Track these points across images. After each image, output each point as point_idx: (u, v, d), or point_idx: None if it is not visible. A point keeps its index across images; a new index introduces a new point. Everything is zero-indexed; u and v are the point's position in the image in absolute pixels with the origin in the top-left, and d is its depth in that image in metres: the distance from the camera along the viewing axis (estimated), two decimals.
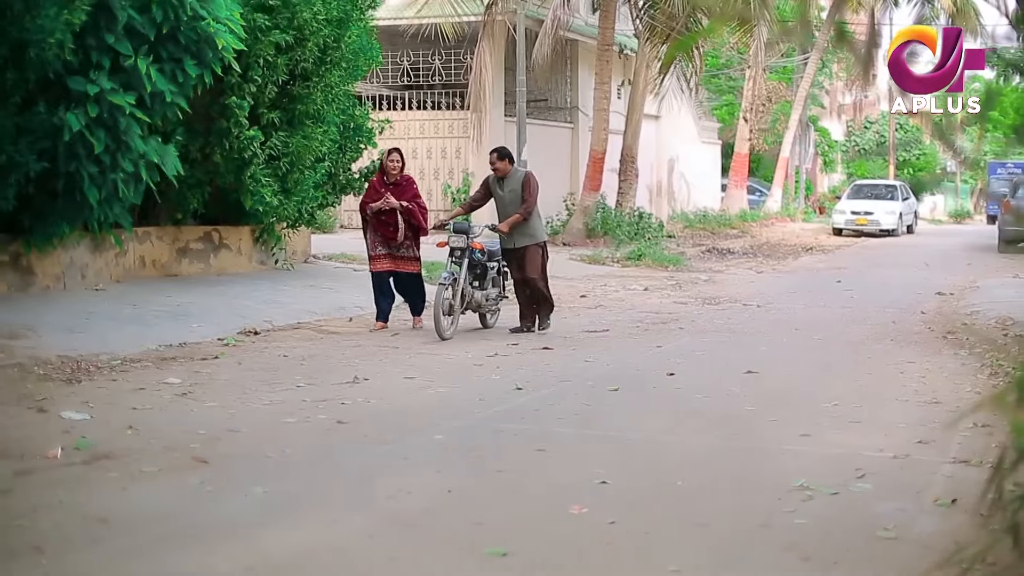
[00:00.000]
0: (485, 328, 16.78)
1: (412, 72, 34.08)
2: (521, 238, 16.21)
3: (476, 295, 16.22)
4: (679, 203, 47.82)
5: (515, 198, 16.20)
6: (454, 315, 15.66)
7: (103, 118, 15.15)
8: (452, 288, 15.56)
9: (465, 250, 15.95)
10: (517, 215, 16.09)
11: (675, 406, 11.13)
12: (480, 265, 16.33)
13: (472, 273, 16.20)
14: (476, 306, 16.36)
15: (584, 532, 7.05)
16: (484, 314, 16.85)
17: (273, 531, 7.02)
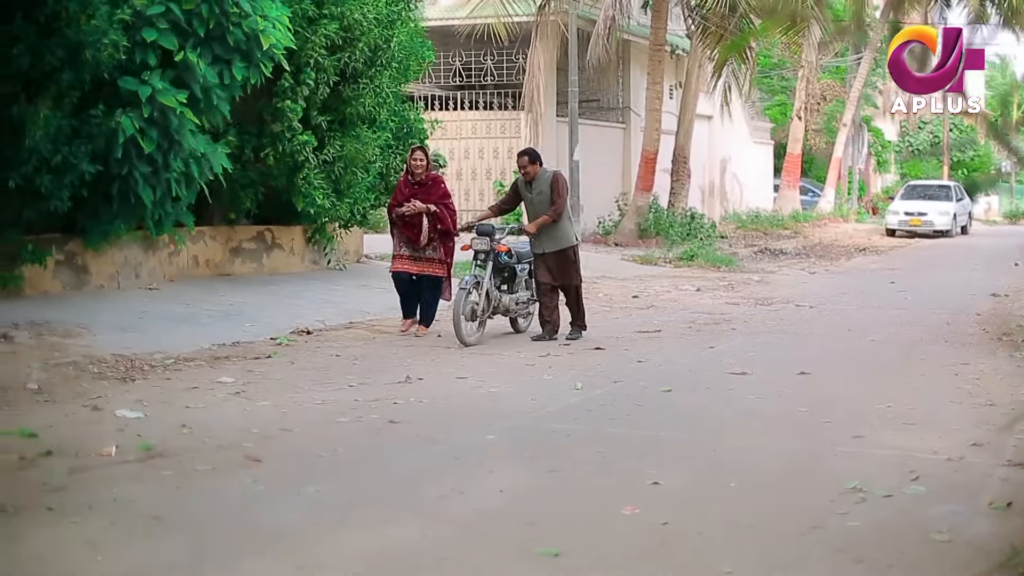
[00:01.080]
0: (517, 333, 16.27)
1: (464, 72, 34.09)
2: (550, 242, 15.60)
3: (504, 299, 15.66)
4: (731, 203, 47.67)
5: (544, 200, 15.61)
6: (479, 320, 15.13)
7: (154, 117, 15.24)
8: (475, 292, 15.02)
9: (489, 253, 15.40)
10: (545, 217, 15.47)
11: (728, 407, 11.09)
12: (508, 268, 15.78)
13: (499, 276, 15.69)
14: (504, 310, 15.78)
15: (637, 533, 7.02)
16: (515, 318, 16.33)
17: (325, 531, 7.03)
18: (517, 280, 15.98)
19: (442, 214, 15.72)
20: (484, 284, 15.14)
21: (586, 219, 31.95)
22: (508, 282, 15.85)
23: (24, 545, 6.66)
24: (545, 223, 15.47)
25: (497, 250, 15.47)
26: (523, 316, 16.39)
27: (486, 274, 15.26)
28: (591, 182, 32.19)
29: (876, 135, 62.21)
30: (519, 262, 15.90)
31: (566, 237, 15.70)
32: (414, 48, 21.81)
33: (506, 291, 15.77)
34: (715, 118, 42.67)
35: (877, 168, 65.04)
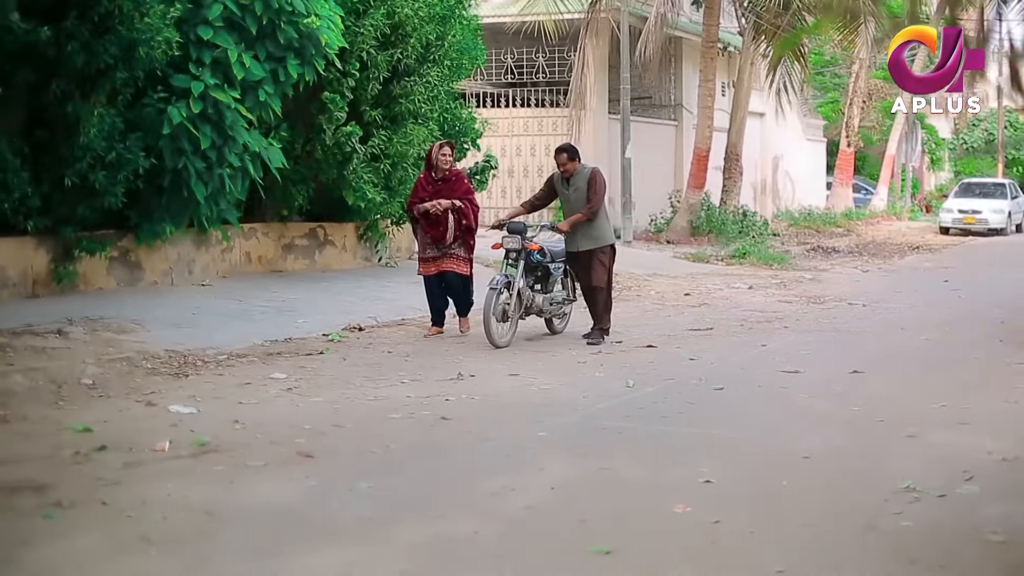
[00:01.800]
0: (553, 334, 15.76)
1: (516, 69, 34.08)
2: (585, 241, 15.15)
3: (537, 299, 15.12)
4: (783, 201, 47.48)
5: (580, 197, 15.11)
6: (510, 321, 14.66)
7: (208, 113, 15.33)
8: (506, 292, 14.58)
9: (520, 251, 14.86)
10: (579, 215, 15.00)
11: (780, 405, 11.05)
12: (541, 267, 15.24)
13: (532, 276, 15.16)
14: (538, 311, 15.26)
15: (688, 531, 7.01)
16: (550, 319, 15.81)
17: (377, 527, 7.04)
18: (551, 279, 15.47)
19: (467, 210, 15.24)
20: (515, 284, 14.68)
21: (638, 217, 31.90)
22: (542, 281, 15.35)
23: (79, 539, 6.71)
24: (579, 221, 15.03)
25: (529, 248, 14.96)
26: (558, 317, 15.89)
27: (517, 273, 14.77)
28: (643, 180, 32.12)
29: (930, 132, 61.81)
30: (553, 261, 15.41)
31: (602, 236, 15.29)
32: (466, 45, 21.80)
33: (540, 291, 15.28)
34: (767, 115, 42.50)
35: (931, 166, 64.63)
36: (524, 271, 14.88)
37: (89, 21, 14.03)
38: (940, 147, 64.69)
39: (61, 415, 9.83)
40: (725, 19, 35.09)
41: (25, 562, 6.38)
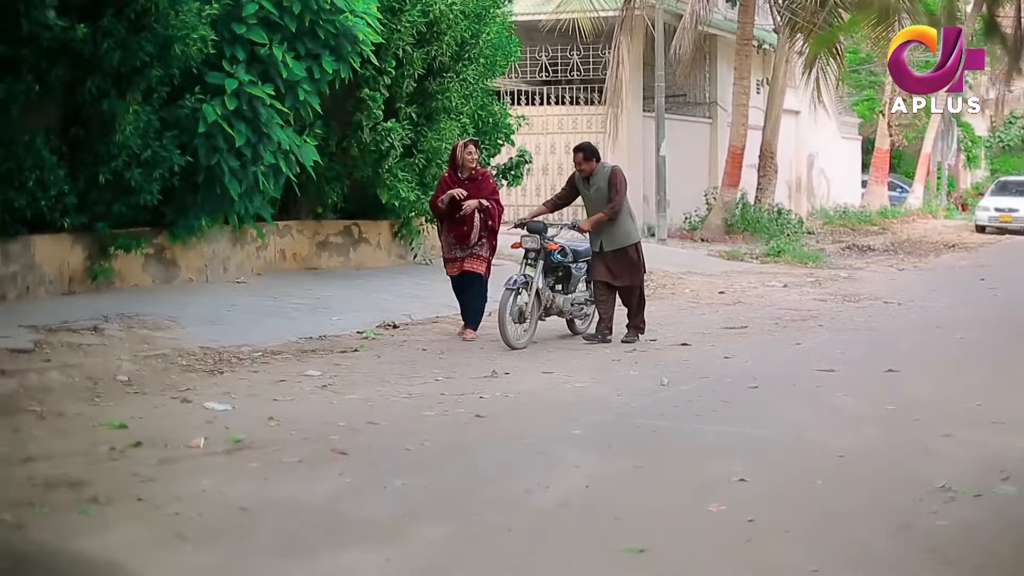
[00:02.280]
0: (574, 335, 15.38)
1: (550, 67, 34.04)
2: (609, 240, 14.80)
3: (558, 299, 14.83)
4: (818, 199, 47.32)
5: (601, 196, 14.77)
6: (529, 322, 14.34)
7: (243, 111, 15.38)
8: (525, 292, 14.26)
9: (540, 251, 14.53)
10: (601, 214, 14.66)
11: (815, 404, 11.03)
12: (562, 267, 14.93)
13: (552, 276, 14.87)
14: (558, 311, 14.97)
15: (722, 530, 7.00)
16: (571, 320, 15.47)
17: (412, 523, 7.06)
18: (573, 280, 15.15)
19: (492, 211, 14.85)
20: (534, 284, 14.38)
21: (672, 214, 31.81)
22: (563, 282, 15.03)
23: (115, 535, 6.74)
24: (600, 220, 14.71)
25: (548, 248, 14.64)
26: (580, 317, 15.55)
27: (536, 273, 14.47)
28: (677, 177, 32.05)
29: (966, 130, 61.49)
30: (575, 261, 15.09)
31: (626, 235, 14.95)
32: (501, 43, 21.80)
33: (561, 291, 14.97)
34: (802, 113, 42.39)
35: (967, 164, 64.33)
36: (543, 271, 14.62)
37: (125, 19, 14.08)
38: (976, 145, 64.34)
39: (97, 411, 9.87)
40: (760, 16, 34.98)
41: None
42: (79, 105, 14.46)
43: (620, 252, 14.89)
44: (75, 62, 14.05)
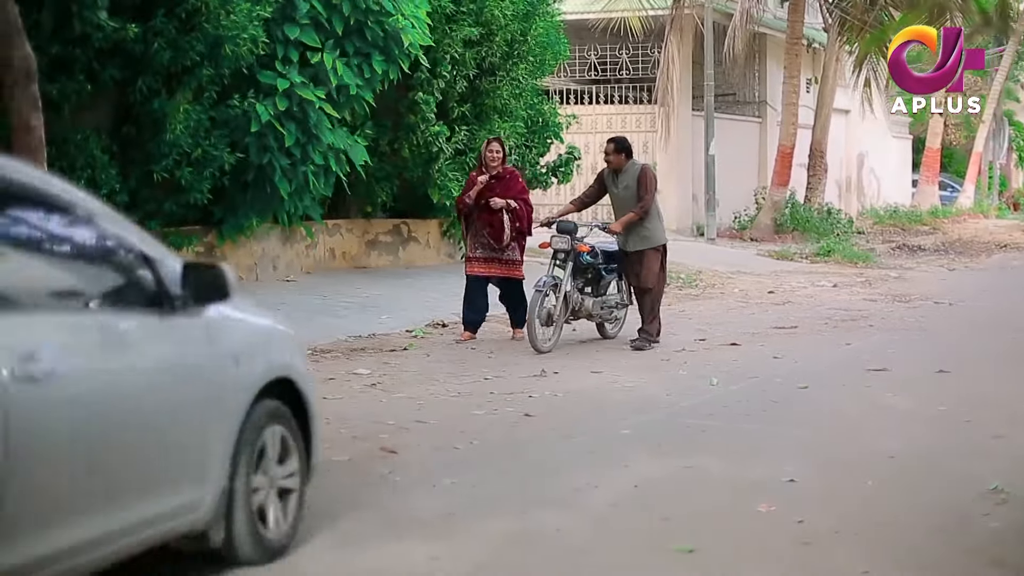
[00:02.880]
0: (605, 339, 14.93)
1: (599, 66, 34.02)
2: (636, 240, 14.33)
3: (587, 302, 14.34)
4: (868, 199, 47.07)
5: (630, 195, 14.31)
6: (555, 325, 13.90)
7: (293, 111, 15.46)
8: (553, 294, 13.83)
9: (569, 252, 14.07)
10: (631, 214, 14.16)
11: (865, 404, 10.97)
12: (592, 269, 14.45)
13: (582, 278, 14.39)
14: (587, 314, 14.48)
15: (772, 531, 6.97)
16: (602, 323, 14.98)
17: (461, 522, 7.06)
18: (603, 282, 14.70)
19: (521, 212, 14.48)
20: (563, 286, 13.92)
21: (721, 214, 31.74)
22: (592, 284, 14.57)
23: None
24: (631, 221, 14.21)
25: (578, 250, 14.14)
26: (610, 321, 15.01)
27: (565, 275, 14.03)
28: (726, 177, 31.96)
29: (1018, 130, 61.02)
30: (606, 263, 14.64)
31: (654, 236, 14.44)
32: (550, 42, 21.80)
33: (590, 294, 14.52)
34: (852, 112, 42.19)
35: (1019, 163, 63.84)
36: (572, 273, 14.18)
37: (176, 18, 14.16)
38: None
39: None
40: (810, 15, 34.86)
41: None
42: (130, 104, 14.56)
43: (641, 254, 14.39)
44: (126, 62, 14.14)
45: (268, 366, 6.54)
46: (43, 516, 4.84)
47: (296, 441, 6.67)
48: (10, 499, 4.60)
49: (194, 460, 5.88)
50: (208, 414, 5.95)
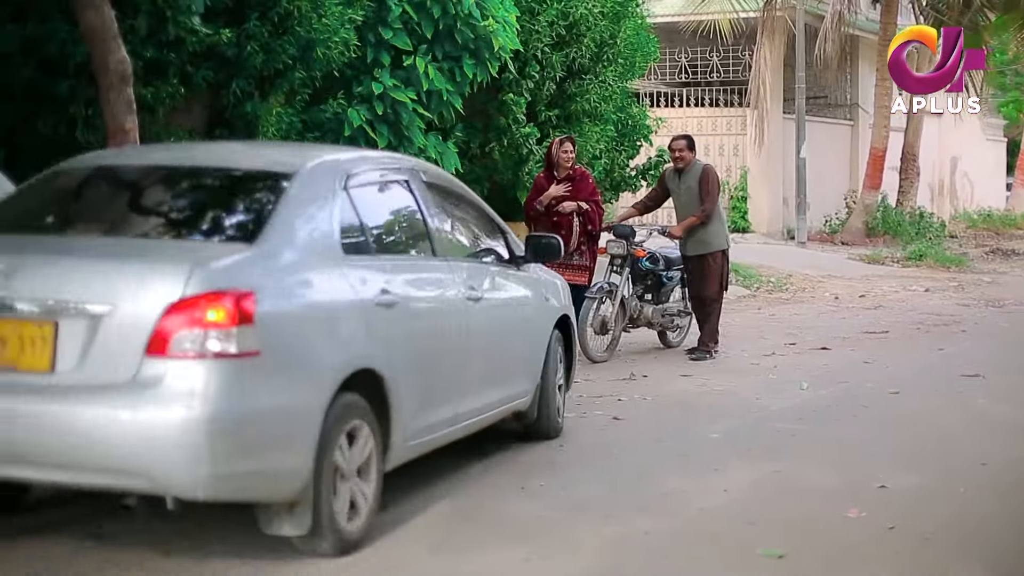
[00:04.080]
0: (667, 347, 14.50)
1: (690, 69, 33.96)
2: (694, 244, 13.84)
3: (647, 310, 13.95)
4: (961, 202, 46.59)
5: (692, 196, 13.84)
6: (611, 333, 13.50)
7: (386, 114, 15.52)
8: (608, 301, 13.40)
9: (626, 258, 13.74)
10: (693, 218, 13.67)
11: (958, 411, 10.87)
12: (652, 275, 14.09)
13: (642, 284, 14.06)
14: (647, 322, 14.06)
15: (862, 536, 6.94)
16: (663, 331, 14.50)
17: (550, 525, 7.08)
18: (664, 289, 14.28)
19: (592, 214, 13.70)
20: (619, 293, 13.58)
21: (812, 217, 31.57)
22: (652, 291, 14.20)
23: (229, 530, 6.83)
24: (692, 225, 13.73)
25: (635, 255, 13.83)
26: (672, 329, 14.58)
27: (622, 281, 13.71)
28: (817, 180, 31.79)
29: None
30: (668, 268, 14.22)
31: (714, 240, 13.91)
32: (639, 44, 21.76)
33: (650, 301, 14.14)
34: (945, 115, 41.82)
35: None
36: (630, 279, 13.87)
37: (268, 22, 14.26)
38: None
39: None
40: (903, 16, 34.57)
41: (207, 550, 6.50)
42: (223, 107, 14.67)
43: (700, 259, 13.88)
44: (220, 65, 14.25)
45: (560, 305, 9.73)
46: (467, 387, 7.97)
47: (565, 357, 9.79)
48: (468, 368, 7.95)
49: (529, 360, 9.08)
50: (535, 330, 9.20)
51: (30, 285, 6.00)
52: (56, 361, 5.87)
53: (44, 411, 5.81)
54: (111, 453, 5.74)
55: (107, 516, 6.94)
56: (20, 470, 5.98)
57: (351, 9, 14.86)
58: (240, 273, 6.05)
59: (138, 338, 5.80)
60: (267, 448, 5.99)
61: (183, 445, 5.68)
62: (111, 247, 6.55)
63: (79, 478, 5.93)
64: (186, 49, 13.57)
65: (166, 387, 5.73)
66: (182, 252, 6.33)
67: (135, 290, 5.90)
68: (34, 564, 6.28)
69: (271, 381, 5.98)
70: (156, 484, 5.78)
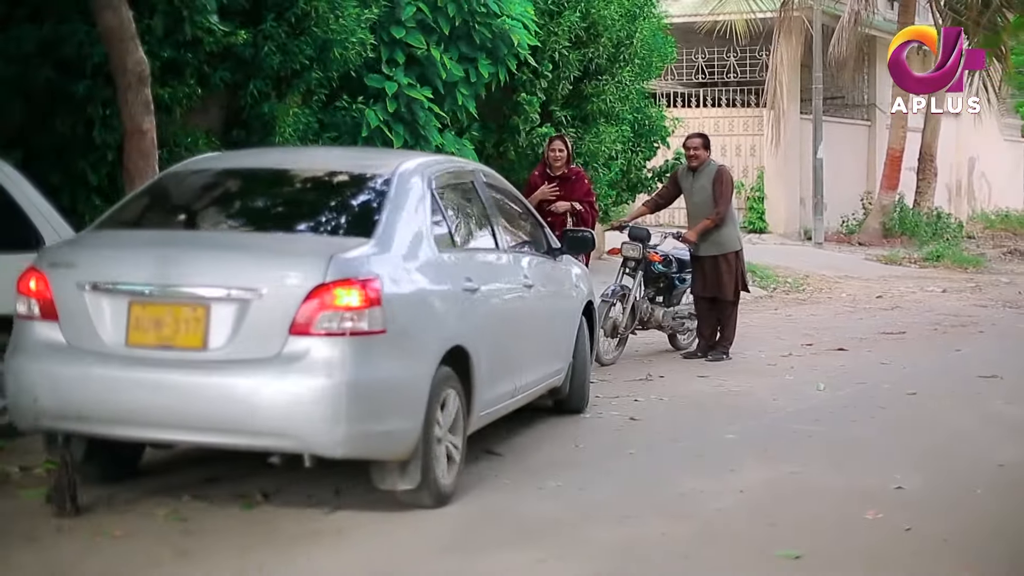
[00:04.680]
0: (677, 350, 14.29)
1: (706, 69, 33.95)
2: (708, 245, 13.59)
3: (658, 312, 13.81)
4: (979, 203, 46.49)
5: (705, 197, 13.65)
6: (620, 336, 13.40)
7: (401, 112, 15.53)
8: (619, 304, 13.27)
9: (640, 261, 13.55)
10: (707, 221, 13.48)
11: (975, 412, 10.85)
12: (664, 278, 13.94)
13: (654, 287, 13.89)
14: (657, 325, 13.91)
15: (879, 538, 6.93)
16: (674, 334, 14.30)
17: (565, 525, 7.08)
18: (676, 292, 14.12)
19: (585, 215, 13.52)
20: (631, 296, 13.42)
21: (829, 218, 31.53)
22: (664, 293, 14.05)
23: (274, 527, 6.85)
24: (706, 228, 13.49)
25: (649, 258, 13.63)
26: (682, 332, 14.34)
27: (634, 284, 13.53)
28: (834, 180, 31.75)
29: None
30: (680, 271, 14.03)
31: (728, 241, 13.71)
32: (656, 44, 21.75)
33: (662, 303, 13.98)
34: (963, 116, 41.74)
35: None
36: (642, 282, 13.69)
37: (285, 22, 14.27)
38: None
39: None
40: (921, 17, 34.51)
41: (224, 550, 6.52)
42: (240, 107, 14.69)
43: (715, 260, 13.65)
44: (237, 65, 14.27)
45: (587, 291, 10.74)
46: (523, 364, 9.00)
47: (589, 339, 10.72)
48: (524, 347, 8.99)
49: (564, 341, 10.05)
50: (570, 314, 10.22)
51: (184, 273, 7.03)
52: (208, 339, 6.88)
53: (199, 382, 6.85)
54: (262, 418, 6.75)
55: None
56: (173, 434, 7.08)
57: (367, 9, 14.88)
58: (367, 263, 7.12)
59: (283, 319, 6.82)
60: (390, 413, 7.02)
61: (325, 410, 6.72)
62: (253, 241, 7.68)
63: (232, 440, 6.97)
64: (203, 49, 13.59)
65: (309, 361, 6.76)
66: (317, 245, 7.38)
67: (280, 278, 6.93)
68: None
69: (393, 355, 7.04)
70: (301, 444, 6.80)
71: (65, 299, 7.09)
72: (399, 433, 7.06)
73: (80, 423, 7.00)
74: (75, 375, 6.98)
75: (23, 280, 7.26)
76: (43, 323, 7.13)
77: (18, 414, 7.22)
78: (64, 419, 7.00)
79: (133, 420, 6.91)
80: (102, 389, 6.93)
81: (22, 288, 7.24)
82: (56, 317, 7.10)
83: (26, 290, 7.22)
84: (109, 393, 6.92)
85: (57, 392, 6.99)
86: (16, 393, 7.17)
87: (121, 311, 7.00)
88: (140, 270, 7.11)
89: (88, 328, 7.02)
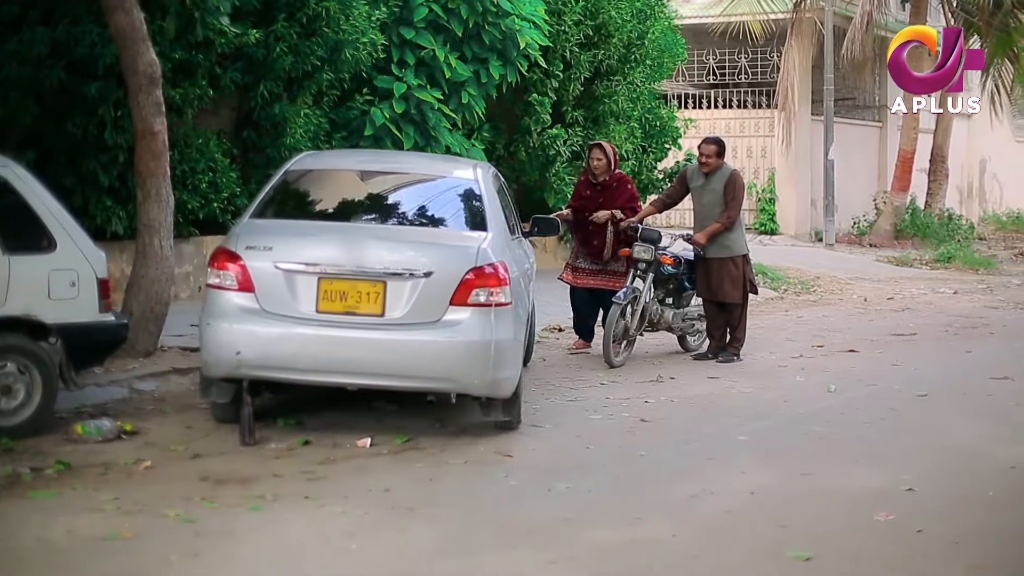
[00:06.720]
0: (687, 351, 14.10)
1: (718, 70, 33.91)
2: (716, 248, 13.44)
3: (667, 314, 13.65)
4: (990, 204, 46.40)
5: (715, 199, 13.51)
6: (628, 339, 13.26)
7: (411, 114, 15.54)
8: (631, 307, 13.13)
9: (651, 263, 13.33)
10: (717, 224, 13.34)
11: (986, 413, 10.83)
12: (674, 279, 13.77)
13: (663, 289, 13.73)
14: (667, 326, 13.77)
15: (890, 540, 6.93)
16: (683, 336, 14.16)
17: (576, 526, 7.08)
18: (686, 294, 13.97)
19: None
20: (642, 299, 13.30)
21: (840, 219, 31.49)
22: (674, 295, 13.89)
23: (282, 531, 6.85)
24: (716, 231, 13.35)
25: (660, 261, 13.43)
26: (692, 333, 14.20)
27: (645, 287, 13.39)
28: (845, 182, 31.72)
29: None
30: (690, 273, 13.85)
31: (735, 245, 13.59)
32: (667, 45, 21.75)
33: (671, 305, 13.83)
34: (974, 117, 41.66)
35: None
36: (653, 284, 13.53)
37: (297, 23, 14.31)
38: None
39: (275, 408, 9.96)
40: (933, 18, 34.45)
41: (233, 553, 6.53)
42: (251, 108, 14.72)
43: (722, 262, 13.51)
44: (248, 66, 14.31)
45: (532, 263, 12.02)
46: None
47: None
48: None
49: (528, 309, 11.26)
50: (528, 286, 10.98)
51: (365, 256, 9.04)
52: (385, 309, 8.93)
53: (380, 338, 8.89)
54: (429, 366, 8.95)
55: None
56: (356, 379, 9.04)
57: (377, 10, 14.90)
58: (496, 250, 9.40)
59: (445, 292, 8.96)
60: (510, 364, 9.24)
61: (478, 361, 8.96)
62: (412, 234, 9.81)
63: (402, 383, 9.15)
64: (214, 51, 13.64)
65: (465, 325, 8.96)
66: (462, 238, 9.68)
67: (445, 263, 9.11)
68: None
69: (513, 321, 9.31)
70: (458, 386, 9.09)
71: (261, 275, 8.94)
72: (512, 379, 9.25)
73: (280, 371, 8.96)
74: (277, 334, 8.86)
75: (218, 258, 9.07)
76: (239, 293, 8.95)
77: (217, 364, 8.94)
78: (264, 368, 8.92)
79: (325, 368, 8.88)
80: (301, 344, 8.85)
81: (219, 264, 9.03)
82: (252, 288, 8.93)
83: (223, 266, 9.01)
84: (306, 347, 8.86)
85: (259, 347, 8.84)
86: (216, 348, 8.92)
87: (311, 285, 8.94)
88: (328, 254, 9.09)
89: (284, 298, 8.92)
